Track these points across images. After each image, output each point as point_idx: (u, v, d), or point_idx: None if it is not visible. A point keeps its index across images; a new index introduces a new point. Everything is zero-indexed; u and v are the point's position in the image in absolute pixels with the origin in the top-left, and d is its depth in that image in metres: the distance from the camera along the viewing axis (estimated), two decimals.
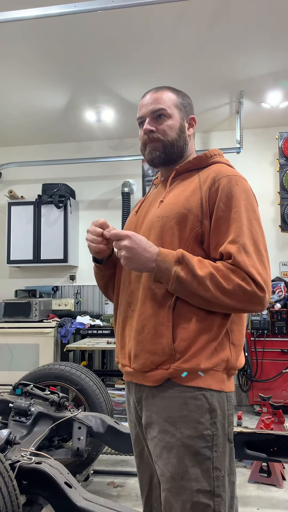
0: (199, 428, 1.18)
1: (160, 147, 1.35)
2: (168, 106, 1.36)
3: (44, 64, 3.66)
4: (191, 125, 1.42)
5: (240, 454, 2.37)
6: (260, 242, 1.21)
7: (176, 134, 1.36)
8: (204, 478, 1.16)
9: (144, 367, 1.23)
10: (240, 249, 1.16)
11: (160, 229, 1.27)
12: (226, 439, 1.21)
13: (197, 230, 1.23)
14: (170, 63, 3.66)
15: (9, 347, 4.51)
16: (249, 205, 1.23)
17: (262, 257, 1.19)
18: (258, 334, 4.34)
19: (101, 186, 5.30)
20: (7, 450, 2.02)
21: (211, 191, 1.24)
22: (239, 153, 4.61)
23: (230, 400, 1.26)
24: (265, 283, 1.16)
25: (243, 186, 1.26)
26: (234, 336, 1.26)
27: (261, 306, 1.18)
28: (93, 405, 2.71)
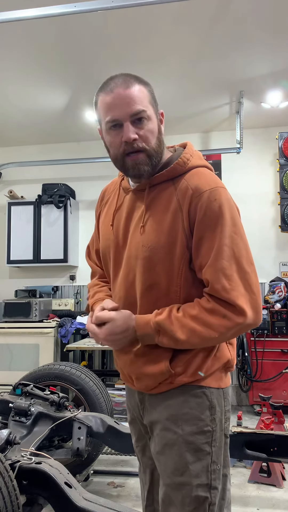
0: (200, 425, 1.21)
1: (145, 159, 1.19)
2: (146, 106, 1.17)
3: (44, 64, 3.66)
4: (162, 122, 1.25)
5: (240, 454, 2.37)
6: (243, 259, 1.16)
7: (157, 139, 1.21)
8: (203, 473, 1.19)
9: (148, 388, 1.27)
10: (218, 274, 1.13)
11: (148, 260, 1.21)
12: (222, 434, 1.25)
13: (186, 255, 1.19)
14: (170, 63, 3.66)
15: (9, 347, 4.51)
16: (229, 220, 1.16)
17: (246, 275, 1.15)
18: (258, 334, 4.33)
19: (101, 186, 5.23)
20: (7, 450, 2.01)
21: (190, 211, 1.17)
22: (239, 153, 4.61)
23: (227, 396, 1.28)
24: (251, 303, 1.14)
25: (222, 200, 1.16)
26: None
27: (254, 326, 1.18)
28: (93, 405, 2.71)
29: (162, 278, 1.21)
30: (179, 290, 1.21)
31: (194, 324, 1.15)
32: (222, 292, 1.13)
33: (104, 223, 1.42)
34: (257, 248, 4.78)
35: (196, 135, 5.10)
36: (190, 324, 1.15)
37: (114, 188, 1.46)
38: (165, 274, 1.20)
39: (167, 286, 1.21)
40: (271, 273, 4.83)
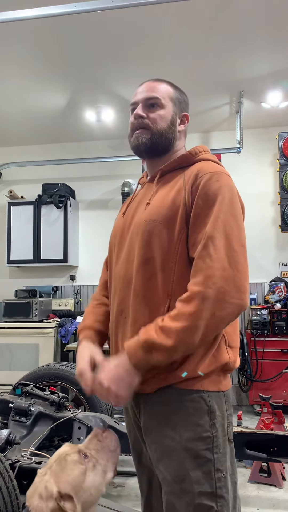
0: (198, 431, 1.16)
1: (147, 134, 1.32)
2: (163, 97, 1.33)
3: (44, 64, 3.66)
4: (183, 122, 1.38)
5: (240, 454, 2.37)
6: (233, 237, 1.15)
7: (167, 125, 1.32)
8: (205, 480, 1.14)
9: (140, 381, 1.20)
10: (208, 242, 1.13)
11: (147, 234, 1.23)
12: (226, 439, 1.19)
13: (184, 231, 1.20)
14: (170, 63, 3.66)
15: (9, 347, 4.51)
16: (229, 202, 1.19)
17: (234, 253, 1.13)
18: (258, 334, 4.34)
19: (101, 186, 5.30)
20: (7, 450, 2.02)
21: (193, 189, 1.21)
22: (239, 153, 4.61)
23: (228, 399, 1.24)
24: (233, 280, 1.10)
25: (224, 182, 1.21)
26: (230, 338, 1.23)
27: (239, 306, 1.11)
28: (93, 405, 2.71)
29: (159, 252, 1.21)
30: (174, 266, 1.19)
31: (177, 323, 1.09)
32: (207, 258, 1.11)
33: (117, 217, 1.49)
34: (257, 248, 4.79)
35: (196, 135, 5.10)
36: (175, 326, 1.09)
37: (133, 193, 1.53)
38: (162, 248, 1.21)
39: (162, 262, 1.20)
40: (271, 273, 4.83)
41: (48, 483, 1.16)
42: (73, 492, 1.16)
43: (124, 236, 1.35)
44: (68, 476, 1.17)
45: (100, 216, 5.30)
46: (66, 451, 1.23)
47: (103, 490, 1.22)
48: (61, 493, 1.14)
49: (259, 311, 4.40)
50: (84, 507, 1.16)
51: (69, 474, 1.17)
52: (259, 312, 4.39)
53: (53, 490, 1.14)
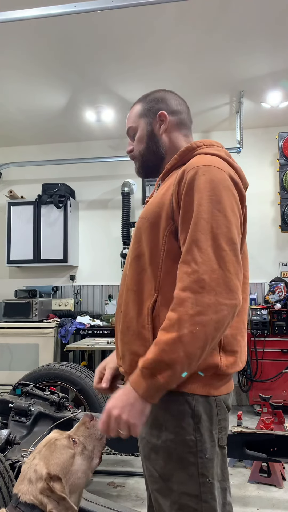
0: (181, 433, 1.13)
1: (138, 162, 1.42)
2: (134, 121, 1.41)
3: (44, 64, 3.66)
4: (162, 122, 1.37)
5: (240, 454, 2.37)
6: (221, 236, 1.09)
7: (145, 143, 1.38)
8: (190, 482, 1.13)
9: (131, 369, 1.19)
10: (192, 246, 1.08)
11: (138, 230, 1.27)
12: (215, 445, 1.15)
13: (171, 227, 1.19)
14: (170, 63, 3.66)
15: (9, 347, 4.51)
16: (213, 196, 1.12)
17: (223, 252, 1.08)
18: (258, 334, 4.33)
19: (101, 186, 5.30)
20: (7, 450, 2.02)
21: (180, 185, 1.18)
22: (239, 153, 4.61)
23: (221, 404, 1.18)
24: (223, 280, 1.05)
25: (211, 176, 1.15)
26: (227, 342, 1.17)
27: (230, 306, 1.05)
28: (93, 405, 2.71)
29: (146, 248, 1.22)
30: (160, 262, 1.19)
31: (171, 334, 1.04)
32: (192, 263, 1.07)
33: None
34: (257, 248, 4.79)
35: (196, 135, 5.09)
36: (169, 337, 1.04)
37: None
38: (149, 244, 1.22)
39: (150, 257, 1.21)
40: (271, 273, 4.83)
41: (37, 466, 1.21)
42: (62, 474, 1.20)
43: None
44: (58, 459, 1.21)
45: (100, 216, 5.30)
46: (55, 437, 1.28)
47: (89, 475, 1.27)
48: (51, 474, 1.18)
49: (259, 311, 4.40)
50: (71, 490, 1.20)
51: (58, 457, 1.22)
52: (259, 312, 4.39)
53: (42, 472, 1.18)
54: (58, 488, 1.17)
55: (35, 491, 1.17)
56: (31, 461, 1.24)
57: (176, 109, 1.39)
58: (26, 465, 1.25)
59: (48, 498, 1.15)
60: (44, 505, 1.16)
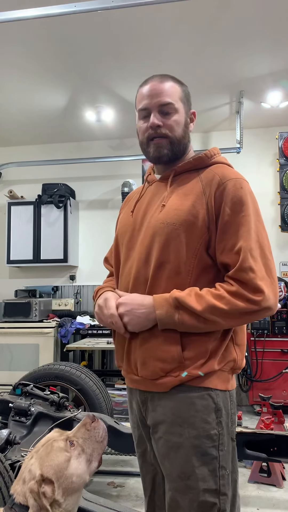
0: (206, 428, 1.18)
1: (167, 144, 1.30)
2: (175, 100, 1.30)
3: (44, 64, 3.66)
4: (192, 120, 1.37)
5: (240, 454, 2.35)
6: (266, 247, 1.21)
7: (182, 130, 1.32)
8: (211, 478, 1.17)
9: (153, 375, 1.22)
10: (247, 255, 1.16)
11: (165, 237, 1.23)
12: (229, 438, 1.22)
13: (205, 237, 1.21)
14: (170, 63, 3.66)
15: (9, 347, 4.51)
16: (254, 209, 1.23)
17: (268, 261, 1.20)
18: (258, 334, 4.33)
19: (101, 186, 5.30)
20: (7, 450, 2.02)
21: (216, 195, 1.22)
22: (239, 153, 4.61)
23: (233, 398, 1.26)
24: (271, 288, 1.17)
25: (248, 189, 1.25)
26: (238, 337, 1.27)
27: (272, 311, 1.18)
28: (93, 405, 2.71)
29: (177, 255, 1.21)
30: (191, 270, 1.21)
31: (215, 301, 1.14)
32: (249, 271, 1.15)
33: (124, 214, 1.47)
34: None
35: (196, 135, 5.10)
36: (212, 301, 1.15)
37: (138, 190, 1.50)
38: (180, 252, 1.21)
39: (179, 265, 1.21)
40: None
41: (32, 466, 1.20)
42: (55, 477, 1.19)
43: (135, 235, 1.34)
44: (52, 461, 1.21)
45: (100, 216, 5.29)
46: (54, 437, 1.27)
47: (86, 479, 1.25)
48: (43, 476, 1.17)
49: None
50: (65, 493, 1.20)
51: (53, 460, 1.21)
52: None
53: (36, 473, 1.18)
54: (48, 492, 1.16)
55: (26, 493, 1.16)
56: (29, 460, 1.23)
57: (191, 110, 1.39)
58: (24, 464, 1.24)
59: (34, 501, 1.14)
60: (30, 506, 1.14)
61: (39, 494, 1.14)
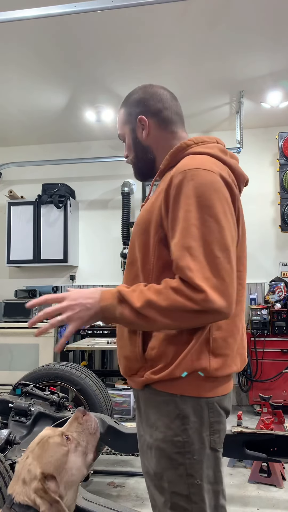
0: (168, 434, 1.14)
1: (133, 168, 1.43)
2: (121, 128, 1.39)
3: (44, 64, 3.66)
4: (143, 126, 1.33)
5: (240, 454, 2.37)
6: (214, 243, 1.06)
7: (133, 151, 1.38)
8: (180, 482, 1.13)
9: (125, 372, 1.26)
10: (184, 253, 1.06)
11: (133, 237, 1.27)
12: (205, 447, 1.14)
13: (160, 234, 1.18)
14: (170, 63, 3.66)
15: (9, 347, 4.51)
16: (203, 201, 1.09)
17: (215, 259, 1.05)
18: (258, 334, 4.33)
19: (101, 186, 5.30)
20: (7, 450, 2.02)
21: (169, 190, 1.15)
22: (239, 153, 4.60)
23: (214, 406, 1.16)
24: (217, 289, 1.03)
25: (200, 179, 1.11)
26: (217, 345, 1.15)
27: (220, 316, 1.05)
28: (93, 405, 2.71)
29: (139, 254, 1.23)
30: (152, 269, 1.20)
31: (154, 296, 1.07)
32: (187, 270, 1.04)
33: None
34: (257, 248, 4.79)
35: (196, 135, 5.07)
36: (150, 296, 1.07)
37: None
38: (141, 251, 1.23)
39: (142, 264, 1.22)
40: (271, 273, 4.83)
41: (31, 466, 1.21)
42: (56, 472, 1.20)
43: None
44: (51, 458, 1.21)
45: (100, 216, 5.29)
46: (48, 434, 1.28)
47: (84, 472, 1.27)
48: (45, 474, 1.18)
49: (259, 311, 4.40)
50: (66, 486, 1.21)
51: (51, 456, 1.22)
52: (259, 312, 4.39)
53: (36, 472, 1.18)
54: (52, 488, 1.17)
55: (29, 491, 1.17)
56: (24, 460, 1.23)
57: (156, 108, 1.32)
58: (19, 464, 1.24)
59: (41, 499, 1.15)
60: (38, 506, 1.15)
61: (46, 490, 1.15)
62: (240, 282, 1.21)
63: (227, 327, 1.17)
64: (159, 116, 1.32)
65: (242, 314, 1.25)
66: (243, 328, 1.26)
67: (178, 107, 1.37)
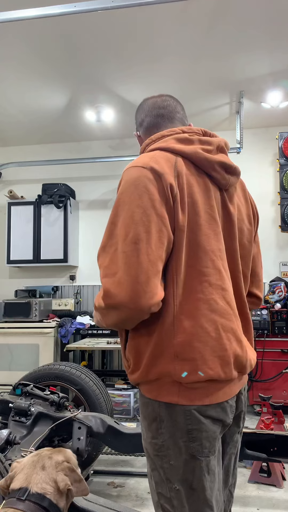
0: (148, 435, 1.17)
1: None
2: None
3: (44, 64, 3.66)
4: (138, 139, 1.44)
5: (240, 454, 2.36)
6: (119, 237, 1.08)
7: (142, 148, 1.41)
8: (163, 484, 1.14)
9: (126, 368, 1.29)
10: (99, 251, 1.14)
11: None
12: (183, 453, 1.10)
13: None
14: (170, 63, 3.66)
15: (9, 347, 4.51)
16: (121, 198, 1.12)
17: (120, 254, 1.06)
18: (258, 334, 4.33)
19: (101, 186, 5.30)
20: (7, 450, 2.02)
21: None
22: (239, 153, 4.60)
23: (192, 414, 1.09)
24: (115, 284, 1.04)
25: (126, 178, 1.15)
26: (182, 349, 1.10)
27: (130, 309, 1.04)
28: (93, 405, 2.71)
29: None
30: None
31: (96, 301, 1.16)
32: (100, 268, 1.12)
33: None
34: None
35: None
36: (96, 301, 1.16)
37: None
38: None
39: None
40: (271, 273, 4.83)
41: (52, 455, 1.30)
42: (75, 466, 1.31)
43: None
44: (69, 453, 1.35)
45: (100, 216, 5.29)
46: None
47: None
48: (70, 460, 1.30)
49: (259, 311, 4.39)
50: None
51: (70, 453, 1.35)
52: (259, 312, 4.39)
53: (59, 458, 1.27)
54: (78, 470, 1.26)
55: (52, 472, 1.22)
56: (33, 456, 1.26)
57: (140, 120, 1.41)
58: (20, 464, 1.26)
59: (65, 475, 1.22)
60: (60, 483, 1.20)
61: (73, 469, 1.24)
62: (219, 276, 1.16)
63: (190, 330, 1.11)
64: (143, 125, 1.40)
65: (213, 315, 1.13)
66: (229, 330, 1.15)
67: (163, 108, 1.36)
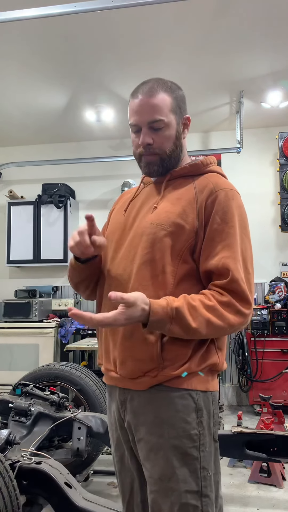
0: (186, 428, 1.17)
1: (158, 160, 1.31)
2: (166, 114, 1.27)
3: (44, 64, 3.66)
4: (186, 126, 1.35)
5: (240, 454, 2.37)
6: (248, 261, 1.24)
7: (173, 143, 1.30)
8: (192, 479, 1.16)
9: (132, 374, 1.22)
10: (238, 265, 1.19)
11: (153, 236, 1.23)
12: (211, 438, 1.22)
13: (191, 241, 1.22)
14: (170, 63, 3.66)
15: (9, 347, 4.51)
16: (242, 222, 1.27)
17: (248, 275, 1.22)
18: (258, 334, 4.33)
19: (101, 186, 5.30)
20: (7, 450, 2.02)
21: (208, 203, 1.24)
22: (239, 153, 4.61)
23: (215, 399, 1.26)
24: (252, 303, 1.21)
25: (238, 201, 1.28)
26: (220, 341, 1.27)
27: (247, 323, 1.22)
28: (93, 405, 2.71)
29: (162, 255, 1.22)
30: (175, 271, 1.21)
31: (209, 315, 1.15)
32: (241, 282, 1.18)
33: (116, 212, 1.47)
34: (257, 248, 4.75)
35: (196, 135, 5.10)
36: (206, 315, 1.14)
37: (133, 190, 1.50)
38: (165, 252, 1.22)
39: (164, 264, 1.21)
40: (271, 273, 4.83)
41: None
42: None
43: (125, 234, 1.34)
44: None
45: (100, 216, 5.18)
46: None
47: None
48: None
49: (259, 311, 4.39)
50: None
51: None
52: (259, 312, 4.39)
53: None
54: None
55: None
56: None
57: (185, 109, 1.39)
58: None
59: None
60: None
61: None
62: None
63: None
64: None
65: None
66: None
67: None
